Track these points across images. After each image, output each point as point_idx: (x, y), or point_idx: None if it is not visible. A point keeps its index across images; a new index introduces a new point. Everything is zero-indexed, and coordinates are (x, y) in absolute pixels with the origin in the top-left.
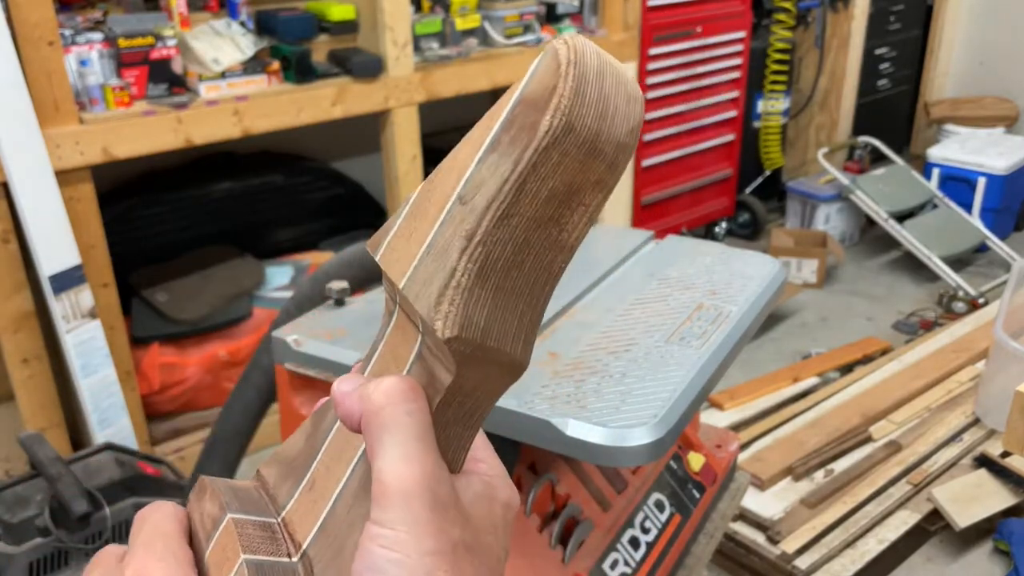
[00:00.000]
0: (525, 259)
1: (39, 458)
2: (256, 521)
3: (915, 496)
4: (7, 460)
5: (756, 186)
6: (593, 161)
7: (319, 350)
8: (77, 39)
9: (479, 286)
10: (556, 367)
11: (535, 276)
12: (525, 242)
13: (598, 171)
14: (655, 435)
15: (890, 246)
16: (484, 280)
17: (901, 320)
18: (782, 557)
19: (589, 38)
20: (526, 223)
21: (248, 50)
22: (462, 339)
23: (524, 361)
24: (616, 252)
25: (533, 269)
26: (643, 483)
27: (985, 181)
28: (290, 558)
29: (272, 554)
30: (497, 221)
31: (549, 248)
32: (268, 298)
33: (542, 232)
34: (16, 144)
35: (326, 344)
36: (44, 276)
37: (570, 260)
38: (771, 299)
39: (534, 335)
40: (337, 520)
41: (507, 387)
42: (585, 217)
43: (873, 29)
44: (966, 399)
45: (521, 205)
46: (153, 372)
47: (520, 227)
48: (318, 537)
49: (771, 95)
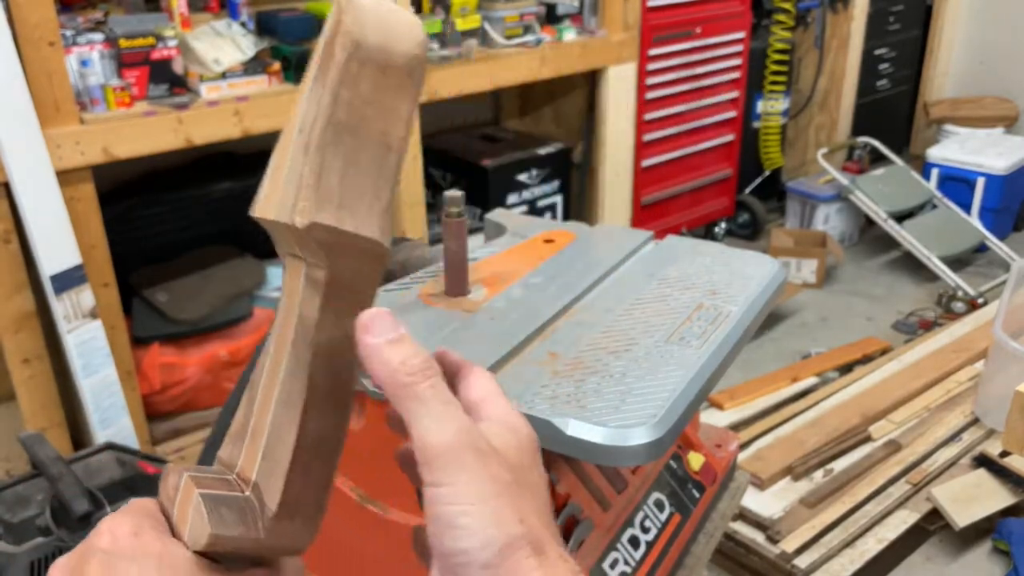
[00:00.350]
0: (359, 158)
1: (40, 458)
2: (211, 475)
3: (914, 496)
4: (8, 460)
5: (756, 186)
6: (389, 68)
7: None
8: (78, 39)
9: (323, 183)
10: (556, 367)
11: (374, 173)
12: (355, 144)
13: (398, 76)
14: (655, 435)
15: (889, 246)
16: (327, 177)
17: (900, 320)
18: (782, 556)
19: (589, 39)
20: (350, 128)
21: (249, 51)
22: (320, 225)
23: (384, 243)
24: (616, 252)
25: (369, 166)
26: (643, 482)
27: (984, 181)
28: (243, 493)
29: (226, 491)
30: (323, 130)
31: (378, 147)
32: (268, 298)
33: (367, 133)
34: (17, 144)
35: None
36: (45, 276)
37: (402, 159)
38: (771, 299)
39: (387, 222)
40: (273, 442)
41: (379, 272)
42: (400, 121)
43: (873, 29)
44: (965, 399)
45: (341, 112)
46: (154, 372)
47: (346, 131)
48: (262, 466)
49: (771, 95)
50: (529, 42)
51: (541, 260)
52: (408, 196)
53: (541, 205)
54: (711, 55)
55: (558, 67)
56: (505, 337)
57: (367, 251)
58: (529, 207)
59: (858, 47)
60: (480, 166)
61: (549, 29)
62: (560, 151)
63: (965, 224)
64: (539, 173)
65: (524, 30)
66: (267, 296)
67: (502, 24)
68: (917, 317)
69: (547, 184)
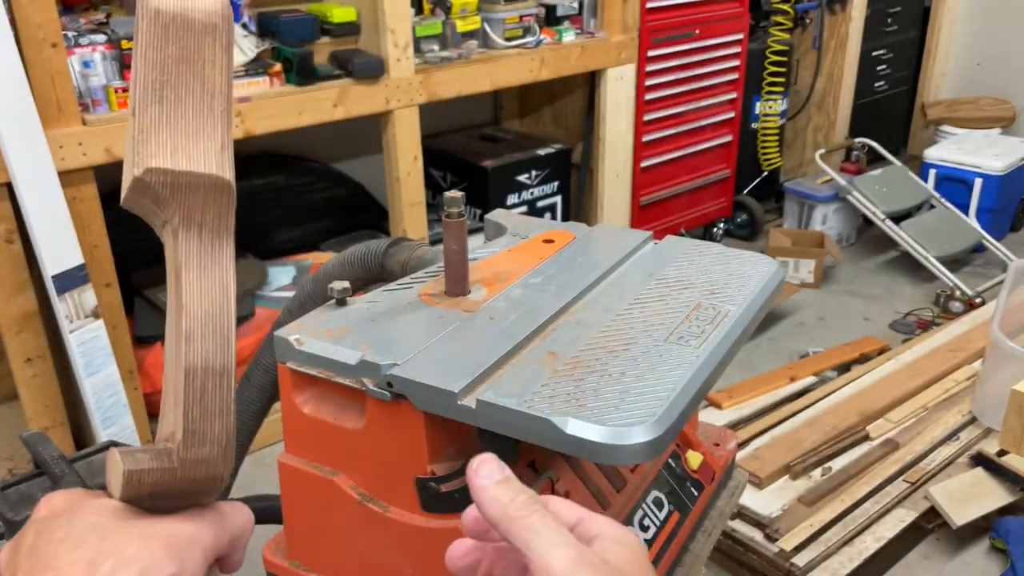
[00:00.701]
0: (184, 108)
1: (42, 457)
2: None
3: (912, 494)
4: (11, 459)
5: (754, 187)
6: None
7: (321, 349)
8: (80, 41)
9: (154, 137)
10: (555, 366)
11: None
12: (176, 97)
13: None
14: (654, 433)
15: (887, 246)
16: (156, 131)
17: (898, 320)
18: (780, 555)
19: (589, 40)
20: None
21: (250, 52)
22: (156, 169)
23: (224, 176)
24: (615, 252)
25: (197, 113)
26: (642, 481)
27: (981, 182)
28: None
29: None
30: (142, 92)
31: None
32: (270, 298)
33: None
34: (20, 145)
35: (328, 343)
36: (48, 276)
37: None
38: (769, 299)
39: (225, 158)
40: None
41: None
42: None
43: (870, 31)
44: (963, 398)
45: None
46: (156, 371)
47: (165, 87)
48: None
49: (769, 96)
50: (529, 43)
51: (541, 260)
52: (408, 196)
53: (541, 205)
54: (710, 56)
55: (558, 68)
56: (505, 337)
57: (211, 186)
58: (529, 207)
59: (856, 48)
60: (480, 166)
61: (549, 31)
62: (560, 152)
63: (962, 224)
64: (539, 174)
65: (524, 31)
66: (269, 296)
67: (502, 25)
68: (915, 317)
69: (547, 184)
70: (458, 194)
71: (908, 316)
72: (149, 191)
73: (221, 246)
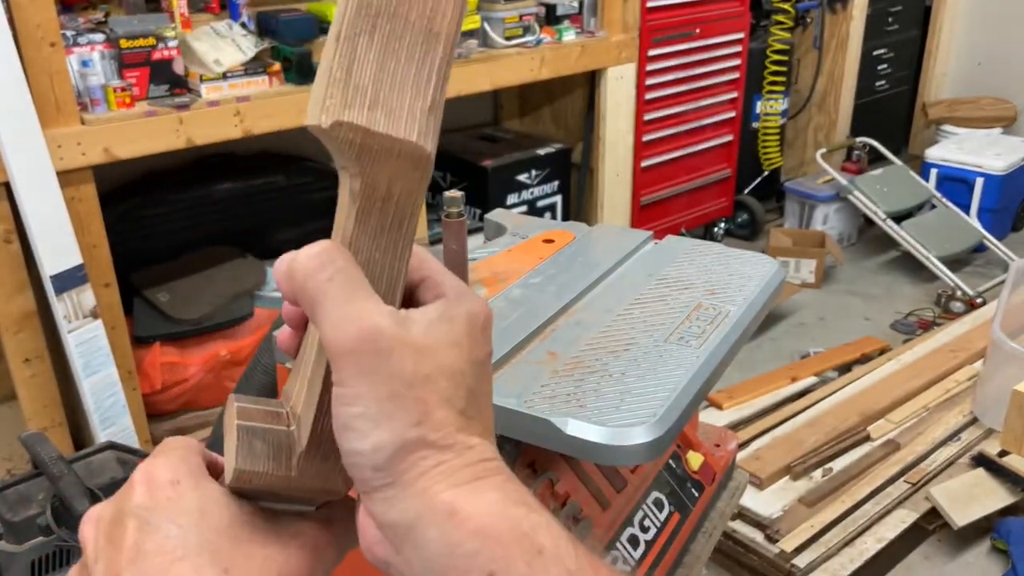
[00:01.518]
0: (399, 48)
1: (41, 457)
2: (260, 406)
3: (913, 495)
4: (9, 459)
5: (754, 186)
6: None
7: None
8: (79, 40)
9: (354, 78)
10: (555, 366)
11: (416, 66)
12: (393, 31)
13: None
14: (654, 434)
15: (888, 246)
16: (359, 71)
17: (899, 320)
18: (780, 555)
19: (589, 40)
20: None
21: (249, 51)
22: (347, 124)
23: (424, 147)
24: (615, 252)
25: (411, 58)
26: (642, 482)
27: (983, 181)
28: (288, 427)
29: (269, 423)
30: (355, 15)
31: (422, 34)
32: (269, 298)
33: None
34: (18, 144)
35: None
36: (46, 276)
37: (452, 49)
38: (769, 299)
39: (430, 124)
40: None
41: (422, 185)
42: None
43: (871, 30)
44: (964, 398)
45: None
46: (155, 371)
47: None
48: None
49: (770, 96)
50: (529, 43)
51: (541, 260)
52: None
53: (541, 205)
54: (710, 56)
55: (558, 68)
56: (505, 337)
57: (407, 156)
58: (529, 207)
59: (857, 48)
60: (480, 166)
61: (549, 30)
62: (560, 151)
63: (963, 224)
64: (539, 173)
65: (524, 31)
66: (268, 296)
67: (502, 25)
68: (916, 317)
69: (547, 184)
70: (458, 194)
71: (909, 316)
72: (331, 143)
73: (402, 228)
